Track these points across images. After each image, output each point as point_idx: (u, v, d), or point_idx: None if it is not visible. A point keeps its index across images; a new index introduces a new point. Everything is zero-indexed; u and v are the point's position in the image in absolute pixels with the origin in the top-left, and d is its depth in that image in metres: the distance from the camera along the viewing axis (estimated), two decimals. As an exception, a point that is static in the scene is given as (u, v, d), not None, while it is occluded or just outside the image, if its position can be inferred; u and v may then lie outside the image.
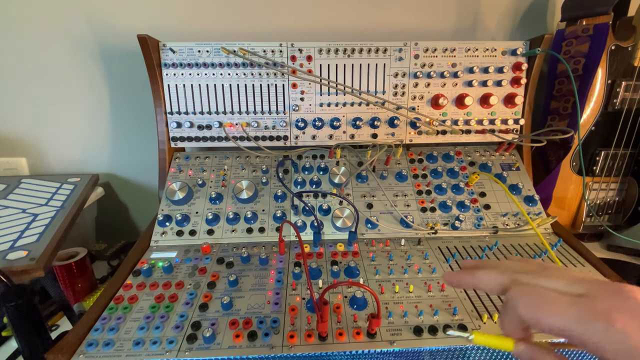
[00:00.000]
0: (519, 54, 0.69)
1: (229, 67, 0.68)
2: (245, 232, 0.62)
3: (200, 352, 0.41)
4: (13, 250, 0.51)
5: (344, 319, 0.45)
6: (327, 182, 0.67)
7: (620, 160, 0.72)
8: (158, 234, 0.61)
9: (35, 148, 0.83)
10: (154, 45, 0.65)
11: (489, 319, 0.45)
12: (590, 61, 0.67)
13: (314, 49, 0.67)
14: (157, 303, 0.47)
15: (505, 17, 0.80)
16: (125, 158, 0.86)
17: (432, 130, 0.71)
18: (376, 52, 0.68)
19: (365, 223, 0.63)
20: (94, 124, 0.82)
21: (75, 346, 0.42)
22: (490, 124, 0.72)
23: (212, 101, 0.69)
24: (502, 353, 0.43)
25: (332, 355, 0.41)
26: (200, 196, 0.65)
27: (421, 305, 0.47)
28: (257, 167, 0.70)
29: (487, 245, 0.59)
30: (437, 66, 0.69)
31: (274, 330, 0.43)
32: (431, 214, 0.64)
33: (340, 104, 0.70)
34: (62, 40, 0.75)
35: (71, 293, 0.62)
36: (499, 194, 0.67)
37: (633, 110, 0.69)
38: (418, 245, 0.59)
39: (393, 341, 0.42)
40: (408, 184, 0.68)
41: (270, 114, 0.70)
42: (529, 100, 0.72)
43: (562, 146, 0.72)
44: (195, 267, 0.55)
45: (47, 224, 0.58)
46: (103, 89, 0.79)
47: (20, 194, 0.67)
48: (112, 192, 0.89)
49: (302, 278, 0.52)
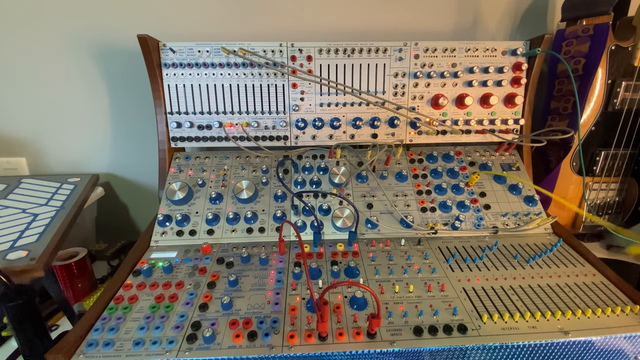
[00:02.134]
0: (519, 54, 0.69)
1: (229, 67, 0.68)
2: (245, 232, 0.62)
3: (200, 352, 0.41)
4: (13, 250, 0.51)
5: (344, 319, 0.45)
6: (327, 182, 0.67)
7: (620, 160, 0.72)
8: (158, 234, 0.61)
9: (35, 148, 0.83)
10: (154, 45, 0.65)
11: (489, 319, 0.45)
12: (590, 61, 0.67)
13: (314, 49, 0.67)
14: (157, 303, 0.47)
15: (505, 17, 0.80)
16: (125, 158, 0.86)
17: (432, 130, 0.71)
18: (376, 52, 0.68)
19: (365, 223, 0.63)
20: (94, 124, 0.82)
21: (75, 346, 0.42)
22: (490, 124, 0.72)
23: (212, 101, 0.69)
24: (502, 353, 0.43)
25: (332, 355, 0.41)
26: (200, 196, 0.65)
27: (421, 305, 0.47)
28: (257, 167, 0.70)
29: (487, 246, 0.59)
30: (437, 66, 0.69)
31: (274, 330, 0.43)
32: (431, 214, 0.64)
33: (341, 104, 0.70)
34: (62, 40, 0.75)
35: (71, 293, 0.62)
36: (499, 194, 0.67)
37: (633, 111, 0.69)
38: (418, 245, 0.59)
39: (393, 341, 0.42)
40: (408, 184, 0.68)
41: (270, 114, 0.70)
42: (529, 100, 0.72)
43: (562, 146, 0.72)
44: (195, 267, 0.55)
45: (47, 224, 0.58)
46: (103, 89, 0.79)
47: (20, 194, 0.67)
48: (112, 192, 0.89)
49: (302, 278, 0.52)
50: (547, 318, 0.45)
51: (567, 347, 0.43)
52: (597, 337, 0.43)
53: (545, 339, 0.42)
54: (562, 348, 0.43)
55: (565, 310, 0.45)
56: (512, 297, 0.48)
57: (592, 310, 0.46)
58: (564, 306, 0.47)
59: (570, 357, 0.44)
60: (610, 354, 0.45)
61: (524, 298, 0.48)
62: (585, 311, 0.46)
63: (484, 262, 0.55)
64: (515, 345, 0.42)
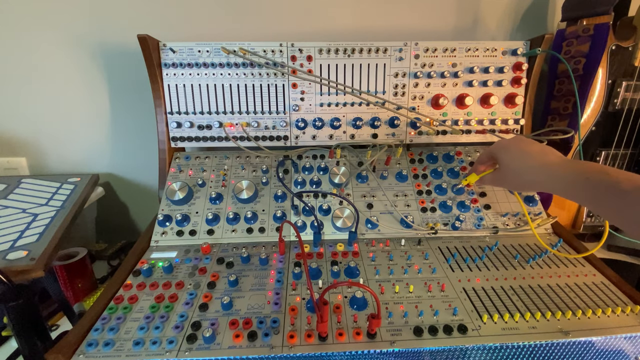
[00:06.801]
0: (519, 54, 0.69)
1: (229, 67, 0.68)
2: (246, 232, 0.62)
3: (200, 352, 0.41)
4: (13, 250, 0.51)
5: (344, 319, 0.45)
6: (327, 182, 0.67)
7: (621, 160, 0.72)
8: (158, 234, 0.61)
9: (35, 148, 0.83)
10: (154, 45, 0.65)
11: (489, 319, 0.45)
12: (590, 61, 0.67)
13: (314, 49, 0.67)
14: (157, 303, 0.47)
15: (506, 17, 0.80)
16: (125, 158, 0.86)
17: (432, 130, 0.71)
18: (376, 52, 0.68)
19: (366, 223, 0.63)
20: (94, 124, 0.82)
21: (75, 346, 0.42)
22: (490, 124, 0.72)
23: (212, 101, 0.69)
24: (502, 353, 0.43)
25: (332, 355, 0.41)
26: (200, 196, 0.65)
27: (421, 305, 0.47)
28: (257, 167, 0.69)
29: (487, 246, 0.59)
30: (437, 66, 0.69)
31: (274, 330, 0.43)
32: (431, 214, 0.64)
33: (341, 104, 0.70)
34: (62, 40, 0.75)
35: (71, 293, 0.62)
36: (499, 194, 0.67)
37: (633, 111, 0.69)
38: (418, 245, 0.59)
39: (393, 341, 0.42)
40: (408, 184, 0.68)
41: (270, 114, 0.70)
42: (529, 100, 0.72)
43: (562, 146, 0.72)
44: (195, 267, 0.55)
45: (47, 224, 0.58)
46: (103, 89, 0.79)
47: (20, 194, 0.67)
48: (112, 192, 0.89)
49: (302, 278, 0.52)
50: (547, 318, 0.45)
51: (567, 347, 0.43)
52: (597, 338, 0.43)
53: (545, 339, 0.42)
54: (562, 348, 0.43)
55: (566, 311, 0.45)
56: (512, 297, 0.48)
57: (592, 310, 0.46)
58: (564, 306, 0.47)
59: (571, 358, 0.44)
60: (611, 354, 0.45)
61: (524, 298, 0.48)
62: (585, 311, 0.46)
63: (484, 262, 0.55)
64: (515, 346, 0.42)
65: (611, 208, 0.41)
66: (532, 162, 0.50)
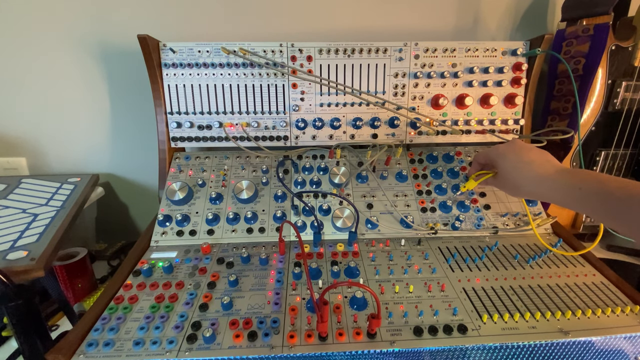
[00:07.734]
0: (519, 54, 0.69)
1: (229, 67, 0.68)
2: (246, 232, 0.62)
3: (200, 352, 0.41)
4: (13, 250, 0.51)
5: (344, 319, 0.45)
6: (327, 182, 0.67)
7: (621, 160, 0.72)
8: (158, 234, 0.61)
9: (35, 148, 0.83)
10: (154, 45, 0.65)
11: (489, 319, 0.45)
12: (590, 61, 0.67)
13: (314, 49, 0.67)
14: (157, 303, 0.47)
15: (505, 17, 0.80)
16: (125, 158, 0.86)
17: (432, 130, 0.71)
18: (376, 52, 0.68)
19: (366, 223, 0.63)
20: (94, 124, 0.82)
21: (75, 346, 0.42)
22: (490, 124, 0.72)
23: (212, 101, 0.69)
24: (502, 353, 0.43)
25: (332, 355, 0.41)
26: (200, 196, 0.65)
27: (421, 305, 0.47)
28: (257, 167, 0.70)
29: (487, 246, 0.59)
30: (437, 66, 0.69)
31: (274, 330, 0.43)
32: (431, 214, 0.64)
33: (341, 104, 0.70)
34: (62, 40, 0.75)
35: (71, 293, 0.62)
36: (499, 194, 0.67)
37: (633, 111, 0.69)
38: (418, 246, 0.59)
39: (393, 341, 0.42)
40: (408, 184, 0.68)
41: (270, 114, 0.70)
42: (529, 100, 0.72)
43: (562, 146, 0.72)
44: (196, 267, 0.55)
45: (47, 224, 0.58)
46: (103, 89, 0.79)
47: (20, 194, 0.67)
48: (112, 192, 0.89)
49: (302, 278, 0.52)
50: (547, 318, 0.45)
51: (567, 347, 0.43)
52: (597, 338, 0.43)
53: (545, 339, 0.42)
54: (562, 348, 0.43)
55: (565, 311, 0.45)
56: (512, 297, 0.48)
57: (592, 310, 0.46)
58: (563, 306, 0.47)
59: (570, 358, 0.44)
60: (610, 354, 0.45)
61: (524, 298, 0.48)
62: (585, 311, 0.46)
63: (484, 262, 0.55)
64: (515, 346, 0.42)
65: (607, 216, 0.42)
66: (529, 174, 0.50)
